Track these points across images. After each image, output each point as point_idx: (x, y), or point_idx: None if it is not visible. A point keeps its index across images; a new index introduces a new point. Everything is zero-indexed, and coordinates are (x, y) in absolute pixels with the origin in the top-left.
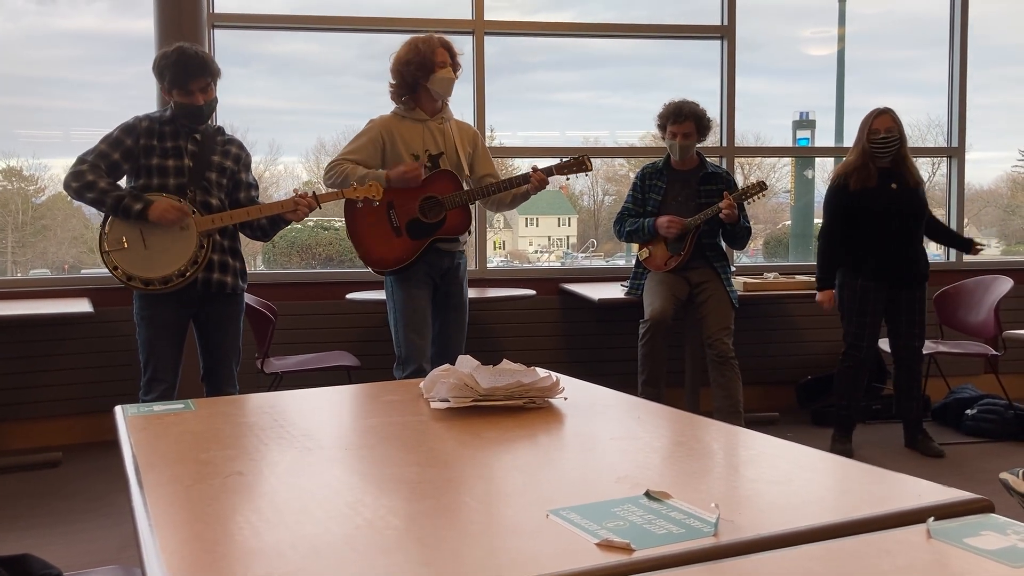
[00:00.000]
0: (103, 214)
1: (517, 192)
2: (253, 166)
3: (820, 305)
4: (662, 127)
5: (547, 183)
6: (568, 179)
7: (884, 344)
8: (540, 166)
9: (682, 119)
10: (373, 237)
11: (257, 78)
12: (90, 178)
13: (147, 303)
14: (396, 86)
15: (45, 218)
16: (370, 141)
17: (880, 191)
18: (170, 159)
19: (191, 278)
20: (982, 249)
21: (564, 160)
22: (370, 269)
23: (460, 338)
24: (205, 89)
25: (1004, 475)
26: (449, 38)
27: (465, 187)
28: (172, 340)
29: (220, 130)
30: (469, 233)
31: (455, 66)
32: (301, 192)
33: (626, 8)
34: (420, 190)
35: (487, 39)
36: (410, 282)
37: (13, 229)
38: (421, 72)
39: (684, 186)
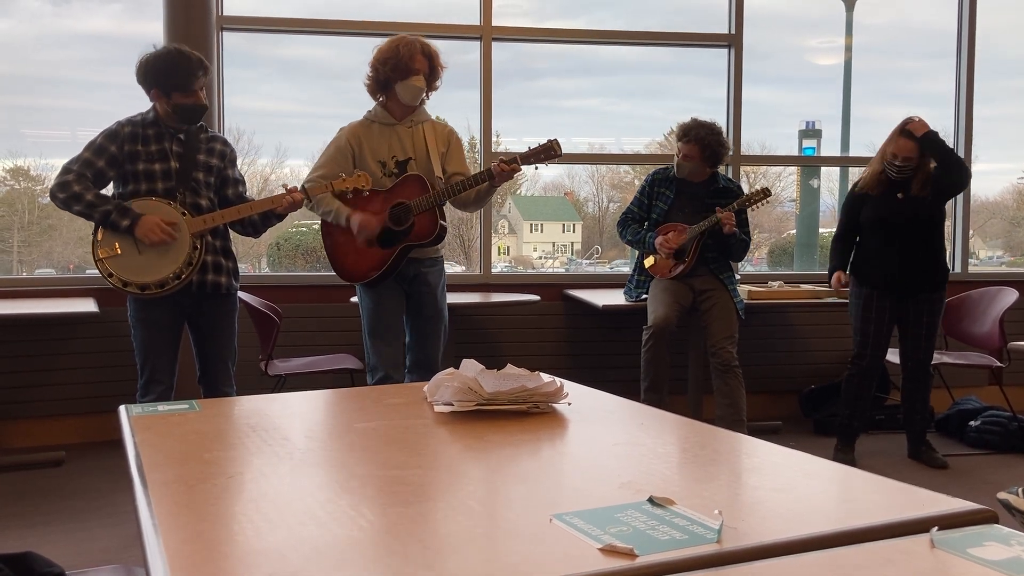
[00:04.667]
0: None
1: (480, 189)
2: (259, 168)
3: (833, 286)
4: (680, 138)
5: (514, 172)
6: (537, 168)
7: (892, 355)
8: (506, 159)
9: (687, 140)
10: (346, 250)
11: (265, 81)
12: (76, 189)
13: (142, 306)
14: (371, 80)
15: (51, 218)
16: (338, 150)
17: (884, 200)
18: (156, 163)
19: (186, 280)
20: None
21: (532, 148)
22: (348, 282)
23: (436, 347)
24: (203, 87)
25: (1003, 495)
26: (453, 42)
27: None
28: (168, 342)
29: (203, 127)
30: (441, 239)
31: (433, 76)
32: (291, 187)
33: (636, 17)
34: (389, 197)
35: (495, 45)
36: (377, 289)
37: (19, 228)
38: (395, 73)
39: (692, 198)
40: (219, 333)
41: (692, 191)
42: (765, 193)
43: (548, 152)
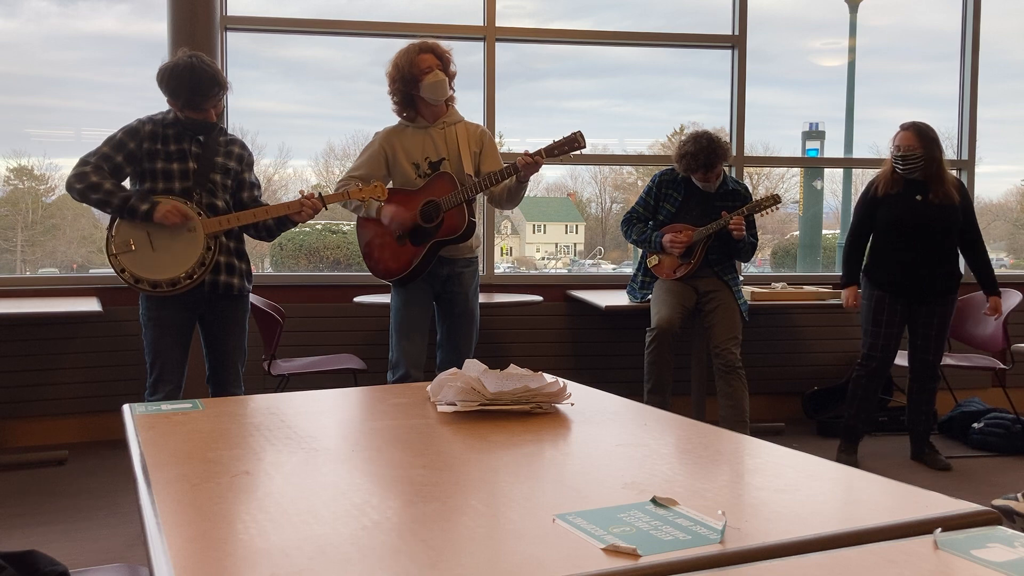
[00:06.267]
0: (108, 215)
1: (509, 185)
2: (262, 169)
3: (844, 302)
4: (688, 171)
5: (539, 164)
6: (562, 159)
7: (899, 357)
8: (532, 150)
9: (714, 166)
10: (380, 249)
11: (269, 81)
12: (94, 179)
13: (153, 304)
14: (396, 103)
15: (55, 217)
16: (372, 156)
17: (903, 201)
18: (175, 163)
19: (198, 280)
20: (994, 315)
21: (556, 140)
22: (385, 281)
23: (468, 346)
24: (216, 104)
25: (999, 502)
26: (456, 43)
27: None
28: (178, 341)
29: (222, 130)
30: (469, 236)
31: (445, 65)
32: (308, 193)
33: (640, 18)
34: (420, 196)
35: (499, 46)
36: (407, 288)
37: (23, 228)
38: (409, 85)
39: (701, 200)
40: (230, 334)
41: (701, 194)
42: (775, 200)
43: (572, 143)
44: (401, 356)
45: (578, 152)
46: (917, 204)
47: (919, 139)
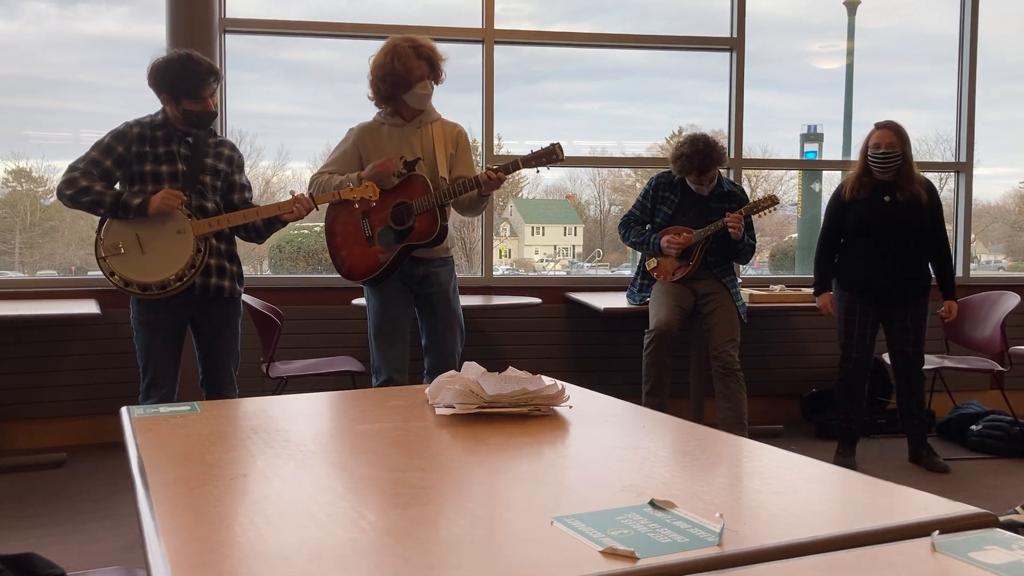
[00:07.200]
0: (100, 216)
1: (471, 196)
2: (260, 171)
3: (821, 310)
4: (682, 172)
5: (500, 182)
6: (539, 171)
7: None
8: (493, 167)
9: (708, 170)
10: (348, 248)
11: (268, 83)
12: (84, 183)
13: (145, 308)
14: (374, 95)
15: (53, 219)
16: (345, 153)
17: (870, 204)
18: (163, 165)
19: (189, 283)
20: (946, 317)
21: (534, 151)
22: (351, 281)
23: (453, 348)
24: (213, 94)
25: (1004, 518)
26: (455, 45)
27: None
28: (170, 345)
29: (212, 131)
30: (442, 239)
31: (435, 72)
32: (298, 194)
33: (639, 20)
34: (392, 197)
35: (497, 48)
36: (383, 292)
37: (21, 230)
38: (396, 88)
39: (697, 202)
40: (222, 337)
41: (697, 196)
42: (772, 201)
43: (550, 155)
44: (382, 361)
45: (558, 164)
46: (885, 205)
47: (898, 137)
